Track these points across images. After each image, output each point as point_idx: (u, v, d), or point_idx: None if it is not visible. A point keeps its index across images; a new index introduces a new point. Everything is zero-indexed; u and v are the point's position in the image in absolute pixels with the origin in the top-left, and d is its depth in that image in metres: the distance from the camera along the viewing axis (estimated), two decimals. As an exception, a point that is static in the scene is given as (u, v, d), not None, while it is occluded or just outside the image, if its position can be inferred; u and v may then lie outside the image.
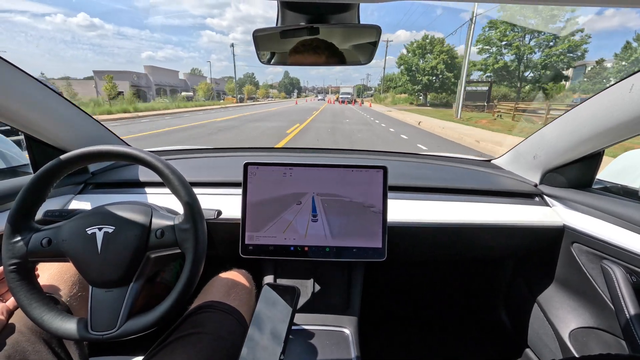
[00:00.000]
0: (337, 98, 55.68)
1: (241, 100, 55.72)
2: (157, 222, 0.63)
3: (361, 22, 0.64)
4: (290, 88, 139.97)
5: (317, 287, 0.89)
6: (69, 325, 0.57)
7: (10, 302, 0.65)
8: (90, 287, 0.60)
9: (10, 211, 0.59)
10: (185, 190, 0.61)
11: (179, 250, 0.61)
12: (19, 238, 0.59)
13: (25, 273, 0.59)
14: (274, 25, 0.66)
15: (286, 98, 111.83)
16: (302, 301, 0.86)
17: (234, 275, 0.87)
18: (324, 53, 0.70)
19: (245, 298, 0.81)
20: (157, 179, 0.62)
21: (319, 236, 0.82)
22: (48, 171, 0.60)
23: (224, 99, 50.26)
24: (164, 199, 0.93)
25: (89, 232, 0.59)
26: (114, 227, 0.60)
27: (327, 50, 0.70)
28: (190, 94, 44.99)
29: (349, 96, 47.89)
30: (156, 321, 0.58)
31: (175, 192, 0.61)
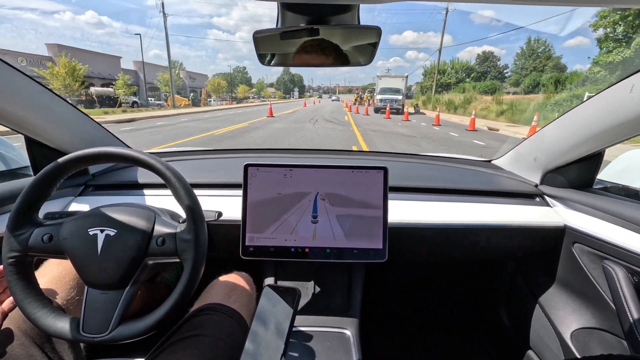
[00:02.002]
0: (358, 100, 34.03)
1: (196, 102, 36.40)
2: (159, 229, 0.62)
3: (362, 23, 0.65)
4: (291, 86, 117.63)
5: (318, 289, 0.89)
6: (60, 324, 0.57)
7: (6, 304, 0.65)
8: (85, 288, 0.60)
9: (13, 207, 0.59)
10: (186, 193, 0.60)
11: (177, 260, 0.61)
12: (20, 232, 0.59)
13: (23, 267, 0.59)
14: (274, 25, 0.66)
15: (284, 99, 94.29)
16: (302, 303, 0.86)
17: (235, 277, 0.87)
18: (331, 54, 0.70)
19: (246, 300, 0.81)
20: (157, 180, 0.62)
21: (319, 237, 0.82)
22: (48, 174, 0.60)
23: (166, 100, 31.28)
24: (164, 200, 0.93)
25: (91, 233, 0.59)
26: (115, 231, 0.60)
27: (333, 51, 0.70)
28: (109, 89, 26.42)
29: (399, 98, 21.04)
30: (148, 329, 0.57)
31: (176, 194, 0.61)
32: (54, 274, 0.76)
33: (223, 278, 0.86)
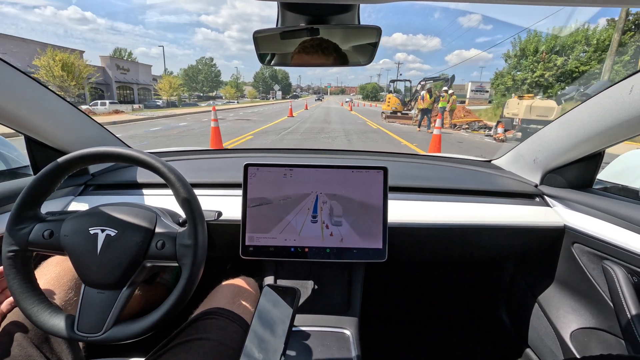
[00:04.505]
0: (395, 108, 16.12)
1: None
2: (160, 231, 0.62)
3: (361, 23, 0.65)
4: (272, 83, 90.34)
5: (318, 288, 0.89)
6: (55, 321, 0.57)
7: (4, 305, 0.65)
8: (82, 286, 0.60)
9: (15, 202, 0.59)
10: (186, 192, 0.60)
11: (176, 264, 0.61)
12: (22, 226, 0.59)
13: (22, 262, 0.59)
14: (272, 24, 0.66)
15: (265, 99, 71.08)
16: (302, 302, 0.86)
17: (240, 282, 0.87)
18: (331, 54, 0.70)
19: (251, 306, 0.81)
20: (157, 180, 0.62)
21: (318, 237, 0.82)
22: (48, 173, 0.60)
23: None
24: (164, 200, 0.93)
25: (91, 232, 0.60)
26: (116, 231, 0.60)
27: (333, 50, 0.70)
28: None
29: None
30: (143, 331, 0.57)
31: (176, 193, 0.61)
32: (51, 275, 0.76)
33: (229, 282, 0.86)
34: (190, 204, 0.60)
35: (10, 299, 0.66)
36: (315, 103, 50.39)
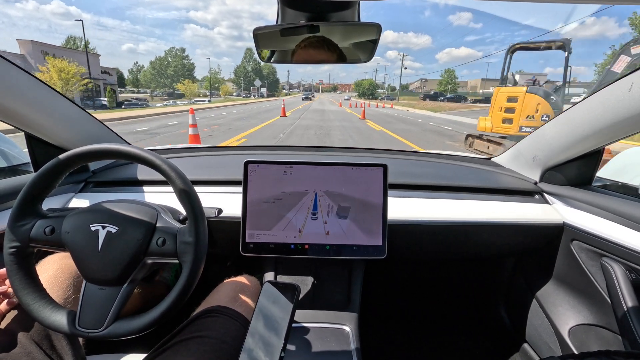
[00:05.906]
0: None
1: None
2: (161, 228, 0.63)
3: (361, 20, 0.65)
4: (254, 78, 74.34)
5: (318, 285, 0.90)
6: (57, 317, 0.58)
7: (3, 305, 0.65)
8: (84, 282, 0.60)
9: (17, 199, 0.60)
10: (185, 187, 0.61)
11: (176, 261, 0.61)
12: (23, 222, 0.60)
13: (23, 258, 0.59)
14: (263, 22, 0.66)
15: (234, 99, 52.99)
16: (302, 298, 0.86)
17: (242, 280, 0.87)
18: (331, 51, 0.70)
19: (252, 303, 0.81)
20: (158, 177, 0.62)
21: (318, 234, 0.83)
22: (49, 170, 0.60)
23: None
24: (164, 197, 0.93)
25: (92, 229, 0.60)
26: (117, 228, 0.60)
27: (333, 47, 0.70)
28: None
29: None
30: (143, 327, 0.58)
31: (175, 189, 0.61)
32: (49, 274, 0.76)
33: (231, 281, 0.87)
34: (190, 201, 0.60)
35: (10, 300, 0.66)
36: (302, 103, 33.89)
